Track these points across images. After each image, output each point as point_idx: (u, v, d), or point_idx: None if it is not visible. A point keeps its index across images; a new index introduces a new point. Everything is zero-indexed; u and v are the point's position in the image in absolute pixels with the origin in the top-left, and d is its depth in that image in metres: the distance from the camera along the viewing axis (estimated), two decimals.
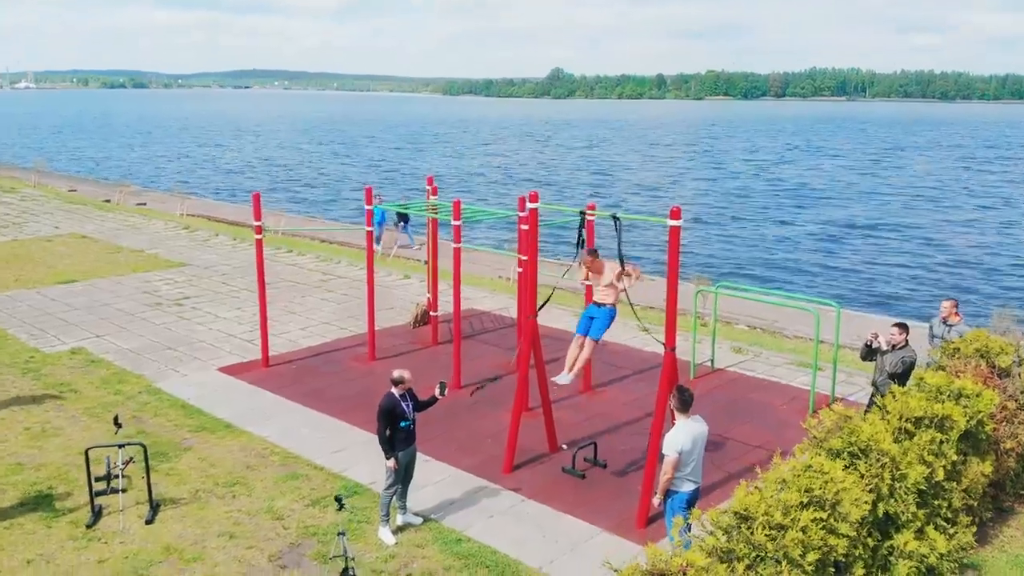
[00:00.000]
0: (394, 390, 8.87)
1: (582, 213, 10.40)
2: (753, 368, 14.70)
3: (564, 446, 11.24)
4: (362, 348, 15.19)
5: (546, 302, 10.62)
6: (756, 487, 6.65)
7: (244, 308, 18.09)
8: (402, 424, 8.89)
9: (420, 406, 9.14)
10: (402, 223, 25.71)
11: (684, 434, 7.84)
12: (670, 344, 9.29)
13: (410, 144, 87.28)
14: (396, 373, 8.87)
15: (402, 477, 9.13)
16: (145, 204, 36.54)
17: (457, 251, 13.54)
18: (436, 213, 14.99)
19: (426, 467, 10.60)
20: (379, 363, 14.58)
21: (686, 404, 7.90)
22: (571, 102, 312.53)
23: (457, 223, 13.24)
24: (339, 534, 7.82)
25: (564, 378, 11.32)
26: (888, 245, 32.65)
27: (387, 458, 8.89)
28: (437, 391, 9.13)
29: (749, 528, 6.09)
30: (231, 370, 14.35)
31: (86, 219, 30.57)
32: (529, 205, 10.29)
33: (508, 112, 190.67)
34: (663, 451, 7.92)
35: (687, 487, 8.01)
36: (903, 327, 10.62)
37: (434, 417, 11.08)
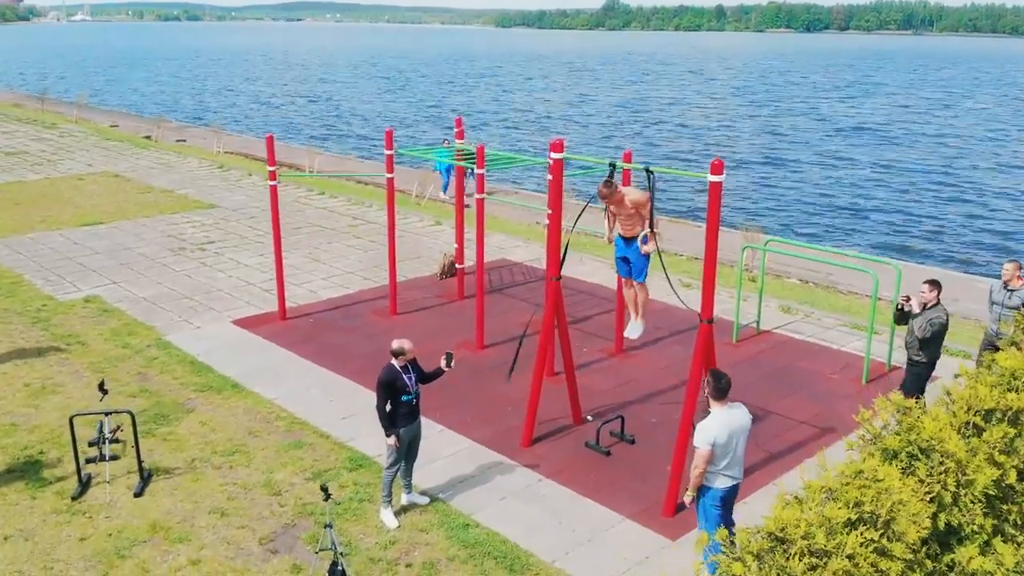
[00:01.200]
0: (395, 362, 8.04)
1: (611, 165, 9.35)
2: (802, 330, 13.58)
3: (589, 417, 10.36)
4: (384, 301, 14.39)
5: (564, 258, 9.64)
6: (796, 497, 5.69)
7: (268, 255, 17.24)
8: (404, 398, 8.08)
9: (424, 378, 8.32)
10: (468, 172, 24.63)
11: (718, 425, 6.84)
12: (706, 315, 8.29)
13: (456, 80, 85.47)
14: (396, 344, 8.02)
15: (404, 455, 8.36)
16: (185, 141, 35.99)
17: (480, 202, 12.53)
18: (463, 160, 13.97)
19: (438, 438, 9.84)
20: (401, 318, 13.81)
21: (722, 392, 6.88)
22: (626, 34, 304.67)
23: (481, 171, 12.21)
24: (326, 526, 7.08)
25: (633, 330, 10.26)
26: (956, 195, 30.65)
27: (387, 435, 8.11)
28: (443, 363, 8.29)
29: (785, 553, 5.15)
30: (246, 323, 13.69)
31: (120, 157, 30.10)
32: (553, 155, 9.23)
33: (559, 45, 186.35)
34: (694, 443, 6.96)
35: (721, 483, 7.02)
36: (934, 284, 9.71)
37: (453, 380, 10.26)
